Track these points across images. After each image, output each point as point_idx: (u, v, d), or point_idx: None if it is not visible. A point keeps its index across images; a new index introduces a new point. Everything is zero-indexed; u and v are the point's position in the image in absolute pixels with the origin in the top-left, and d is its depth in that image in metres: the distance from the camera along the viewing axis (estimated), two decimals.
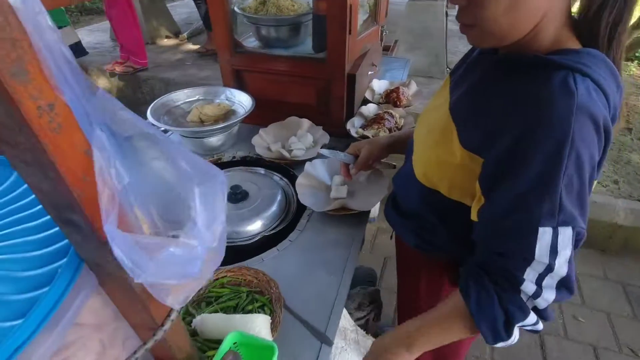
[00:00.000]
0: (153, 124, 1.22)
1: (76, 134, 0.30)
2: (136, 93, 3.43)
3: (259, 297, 0.82)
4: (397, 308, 1.26)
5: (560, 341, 1.82)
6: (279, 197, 1.13)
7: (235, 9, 1.37)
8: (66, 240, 0.42)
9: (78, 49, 3.36)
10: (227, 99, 1.42)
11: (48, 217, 0.46)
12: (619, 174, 2.56)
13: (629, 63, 4.07)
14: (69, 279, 0.38)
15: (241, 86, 1.45)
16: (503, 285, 0.62)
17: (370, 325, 1.29)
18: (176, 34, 4.19)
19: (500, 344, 0.65)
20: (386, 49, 2.26)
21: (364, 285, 1.41)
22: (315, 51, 1.35)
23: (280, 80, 1.39)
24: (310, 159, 1.22)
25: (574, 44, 0.60)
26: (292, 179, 1.23)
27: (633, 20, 3.34)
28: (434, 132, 0.76)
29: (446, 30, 2.97)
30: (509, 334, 0.63)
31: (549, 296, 0.59)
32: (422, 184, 0.79)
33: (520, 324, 0.63)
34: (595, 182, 0.64)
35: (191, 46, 3.99)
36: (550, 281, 0.59)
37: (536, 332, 0.65)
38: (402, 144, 1.00)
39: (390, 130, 1.34)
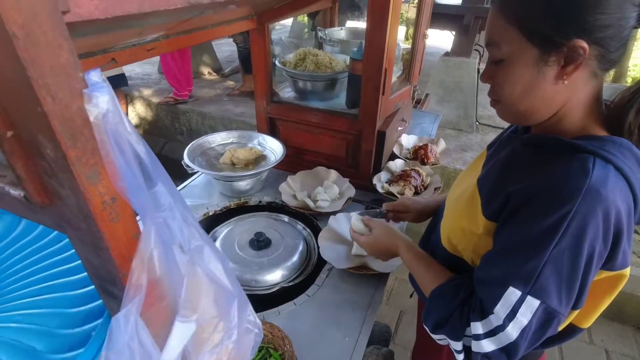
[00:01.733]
0: (189, 165, 1.28)
1: (129, 221, 0.33)
2: (174, 123, 3.62)
3: (273, 353, 0.81)
4: None
5: None
6: (300, 248, 1.14)
7: (276, 62, 1.46)
8: (100, 301, 0.45)
9: (120, 80, 3.48)
10: (259, 144, 1.48)
11: (85, 273, 0.50)
12: None
13: None
14: (101, 342, 0.40)
15: (274, 133, 1.51)
16: (474, 304, 0.64)
17: None
18: (217, 71, 4.45)
19: (425, 325, 0.72)
20: (417, 102, 2.30)
21: (377, 344, 1.36)
22: (348, 107, 1.40)
23: (312, 131, 1.44)
24: (334, 212, 1.24)
25: (600, 132, 0.61)
26: (315, 230, 1.24)
27: None
28: (461, 201, 0.77)
29: (477, 85, 3.01)
30: (433, 330, 0.70)
31: (486, 346, 0.60)
32: (446, 250, 0.79)
33: (445, 338, 0.68)
34: (628, 270, 0.62)
35: (229, 83, 4.22)
36: (497, 337, 0.59)
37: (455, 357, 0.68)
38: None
39: (416, 188, 1.35)
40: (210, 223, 1.30)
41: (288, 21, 5.17)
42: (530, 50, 0.57)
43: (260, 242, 1.12)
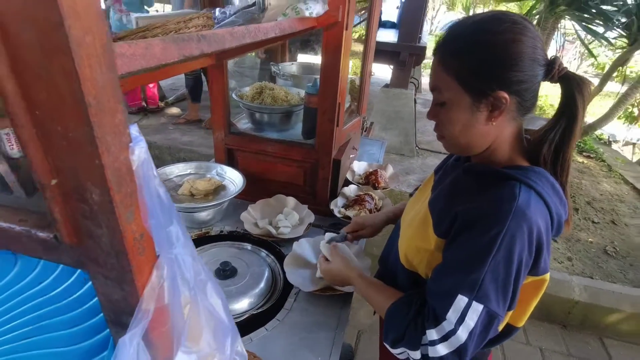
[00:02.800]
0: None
1: (152, 255, 0.37)
2: None
3: None
4: None
5: None
6: (266, 275, 1.17)
7: (234, 95, 1.51)
8: (100, 336, 0.46)
9: None
10: (217, 175, 1.51)
11: (77, 311, 0.50)
12: (571, 252, 2.78)
13: None
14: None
15: (232, 163, 1.55)
16: (427, 314, 0.72)
17: None
18: (161, 99, 4.35)
19: (385, 344, 0.79)
20: (363, 130, 2.47)
21: None
22: (305, 137, 1.49)
23: (270, 161, 1.50)
24: (296, 238, 1.29)
25: (523, 162, 0.76)
26: (279, 256, 1.28)
27: None
28: (415, 221, 0.87)
29: (415, 113, 3.30)
30: (393, 345, 0.77)
31: (441, 350, 0.69)
32: (404, 266, 0.88)
33: (404, 350, 0.75)
34: (548, 276, 0.75)
35: (174, 111, 4.14)
36: (449, 341, 0.68)
37: None
38: (393, 221, 1.13)
39: (370, 211, 1.45)
40: None
41: None
42: (465, 97, 0.70)
43: (226, 272, 1.14)
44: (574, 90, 0.70)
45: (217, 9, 0.88)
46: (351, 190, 1.58)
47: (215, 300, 0.41)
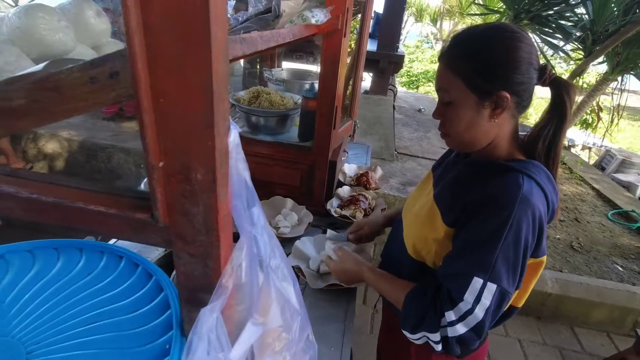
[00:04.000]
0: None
1: (230, 234, 0.41)
2: (89, 160, 3.34)
3: None
4: None
5: None
6: None
7: (230, 99, 1.54)
8: (159, 319, 0.49)
9: None
10: None
11: (133, 297, 0.52)
12: None
13: None
14: (179, 352, 0.44)
15: None
16: (443, 298, 0.78)
17: None
18: None
19: (404, 332, 0.85)
20: (354, 132, 2.55)
21: None
22: (301, 140, 1.54)
23: (267, 163, 1.53)
24: (297, 237, 1.33)
25: (521, 157, 0.84)
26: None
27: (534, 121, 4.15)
28: (421, 214, 0.93)
29: (394, 120, 3.42)
30: (413, 331, 0.82)
31: (460, 329, 0.75)
32: (411, 257, 0.94)
33: (424, 334, 0.80)
34: (545, 258, 0.84)
35: None
36: (466, 320, 0.75)
37: (435, 349, 0.80)
38: (392, 223, 1.18)
39: (365, 210, 1.51)
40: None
41: None
42: (471, 96, 0.78)
43: None
44: (563, 92, 0.79)
45: (230, 15, 0.92)
46: (345, 191, 1.64)
47: (287, 283, 0.44)
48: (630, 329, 2.49)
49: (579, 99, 4.06)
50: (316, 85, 1.35)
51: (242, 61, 2.67)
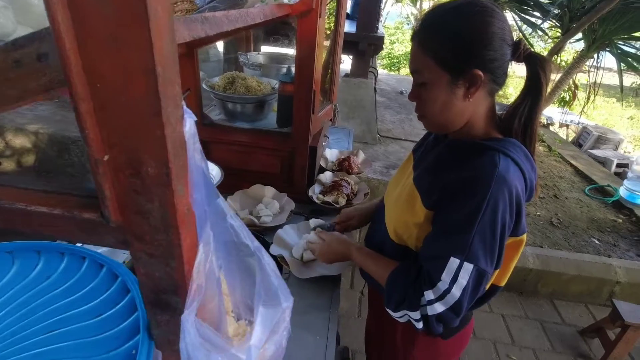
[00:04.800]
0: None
1: (194, 230, 0.38)
2: (62, 154, 3.21)
3: None
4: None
5: None
6: None
7: (204, 85, 1.48)
8: (124, 324, 0.46)
9: None
10: None
11: (96, 301, 0.49)
12: None
13: None
14: (145, 357, 0.41)
15: (207, 156, 1.51)
16: (423, 278, 0.78)
17: None
18: None
19: (387, 309, 0.85)
20: (334, 116, 2.51)
21: None
22: (280, 126, 1.50)
23: (246, 151, 1.49)
24: (279, 226, 1.30)
25: (498, 135, 0.83)
26: (264, 244, 1.28)
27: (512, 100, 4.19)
28: (402, 198, 0.92)
29: (375, 103, 3.39)
30: (395, 309, 0.83)
31: (438, 308, 0.76)
32: (394, 241, 0.93)
33: (405, 312, 0.81)
34: (525, 236, 0.84)
35: None
36: (445, 299, 0.75)
37: (415, 328, 0.82)
38: None
39: (348, 195, 1.49)
40: None
41: None
42: (444, 76, 0.76)
43: None
44: (538, 68, 0.78)
45: None
46: (327, 176, 1.61)
47: (274, 263, 0.42)
48: (606, 299, 2.59)
49: (556, 77, 4.11)
50: (293, 69, 1.30)
51: (220, 46, 2.58)
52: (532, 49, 0.81)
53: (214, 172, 1.42)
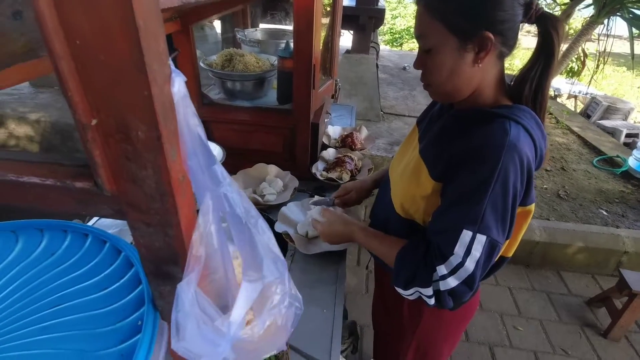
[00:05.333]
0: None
1: (191, 198, 0.37)
2: (66, 143, 3.21)
3: None
4: (377, 334, 1.34)
5: (507, 350, 2.02)
6: None
7: (202, 64, 1.45)
8: (130, 296, 0.46)
9: None
10: None
11: (101, 275, 0.49)
12: None
13: None
14: (152, 327, 0.41)
15: (207, 136, 1.49)
16: (433, 253, 0.77)
17: (349, 358, 1.34)
18: None
19: (397, 288, 0.84)
20: (331, 96, 2.47)
21: None
22: (280, 103, 1.47)
23: (247, 130, 1.47)
24: (284, 203, 1.30)
25: (508, 102, 0.80)
26: (269, 222, 1.28)
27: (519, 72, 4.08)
28: (407, 171, 0.90)
29: (377, 79, 3.33)
30: (405, 287, 0.81)
31: (452, 282, 0.75)
32: (400, 215, 0.92)
33: (417, 289, 0.80)
34: (533, 206, 0.82)
35: None
36: (458, 273, 0.74)
37: (427, 303, 0.80)
38: (380, 184, 1.16)
39: (351, 172, 1.48)
40: None
41: None
42: (452, 39, 0.72)
43: None
44: (550, 28, 0.74)
45: None
46: (330, 153, 1.60)
47: (268, 235, 0.41)
48: (613, 269, 2.59)
49: (564, 46, 3.99)
50: (291, 44, 1.27)
51: (218, 26, 2.53)
52: (544, 9, 0.77)
53: (216, 151, 1.41)
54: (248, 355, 0.43)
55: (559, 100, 5.94)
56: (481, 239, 0.72)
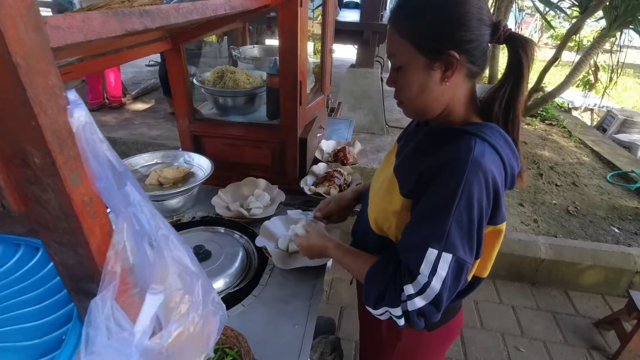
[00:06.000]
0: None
1: (104, 218, 0.39)
2: None
3: (229, 351, 0.85)
4: (360, 351, 1.32)
5: None
6: (240, 254, 1.19)
7: (195, 81, 1.50)
8: (64, 310, 0.47)
9: None
10: (185, 162, 1.50)
11: (41, 289, 0.51)
12: (537, 214, 2.93)
13: (534, 119, 4.80)
14: (75, 343, 0.43)
15: (199, 150, 1.54)
16: (402, 272, 0.76)
17: None
18: (124, 95, 4.21)
19: (368, 307, 0.83)
20: (332, 110, 2.49)
21: (324, 334, 1.46)
22: (270, 118, 1.50)
23: (237, 144, 1.50)
24: (268, 217, 1.31)
25: (478, 120, 0.80)
26: (252, 236, 1.30)
27: (532, 84, 4.02)
28: (382, 187, 0.91)
29: (382, 92, 3.34)
30: (375, 306, 0.80)
31: (419, 302, 0.73)
32: (374, 232, 0.92)
33: (386, 309, 0.79)
34: (504, 225, 0.81)
35: (139, 106, 4.02)
36: (425, 293, 0.73)
37: (397, 324, 0.79)
38: (362, 196, 1.16)
39: (340, 186, 1.49)
40: None
41: None
42: (420, 58, 0.74)
43: (200, 255, 1.15)
44: (519, 49, 0.74)
45: None
46: (320, 168, 1.61)
47: (180, 252, 0.43)
48: (624, 289, 2.48)
49: (575, 58, 3.92)
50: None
51: (218, 39, 2.60)
52: (513, 31, 0.77)
53: (205, 165, 1.44)
54: None
55: (573, 113, 5.81)
56: (447, 257, 0.71)
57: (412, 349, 1.04)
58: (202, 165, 1.46)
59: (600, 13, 3.67)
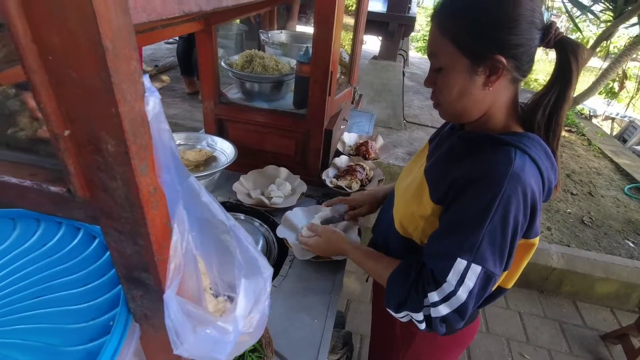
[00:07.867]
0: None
1: (164, 210, 0.37)
2: None
3: None
4: (370, 348, 1.32)
5: None
6: (260, 243, 1.19)
7: (222, 63, 1.47)
8: (107, 295, 0.47)
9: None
10: (208, 146, 1.49)
11: (85, 271, 0.50)
12: (551, 222, 2.89)
13: None
14: (122, 329, 0.42)
15: (222, 134, 1.52)
16: (427, 278, 0.75)
17: None
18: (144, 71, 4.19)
19: (389, 310, 0.83)
20: (353, 100, 2.45)
21: (336, 327, 1.46)
22: (296, 107, 1.48)
23: (261, 131, 1.48)
24: (289, 207, 1.30)
25: (518, 129, 0.77)
26: (272, 225, 1.29)
27: None
28: (411, 189, 0.88)
29: (403, 87, 3.29)
30: (397, 310, 0.80)
31: (443, 310, 0.73)
32: (399, 233, 0.91)
33: (407, 313, 0.78)
34: (537, 239, 0.79)
35: (156, 84, 4.00)
36: (450, 301, 0.72)
37: (418, 328, 0.79)
38: None
39: (362, 181, 1.47)
40: None
41: None
42: (463, 61, 0.70)
43: None
44: (569, 54, 0.70)
45: None
46: (342, 160, 1.59)
47: (250, 239, 0.42)
48: (635, 305, 2.45)
49: (603, 65, 3.81)
50: (311, 50, 1.27)
51: (252, 19, 2.55)
52: (564, 34, 0.73)
53: (229, 150, 1.43)
54: (237, 347, 0.44)
55: (594, 121, 5.69)
56: (476, 269, 0.70)
57: (425, 352, 1.04)
58: (224, 149, 1.45)
59: (633, 19, 3.55)
